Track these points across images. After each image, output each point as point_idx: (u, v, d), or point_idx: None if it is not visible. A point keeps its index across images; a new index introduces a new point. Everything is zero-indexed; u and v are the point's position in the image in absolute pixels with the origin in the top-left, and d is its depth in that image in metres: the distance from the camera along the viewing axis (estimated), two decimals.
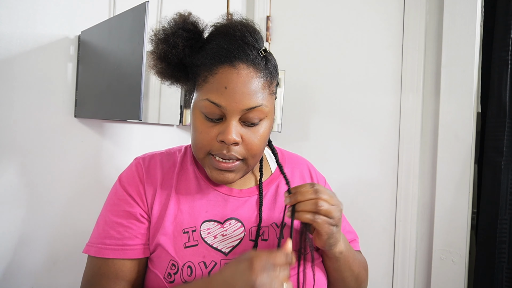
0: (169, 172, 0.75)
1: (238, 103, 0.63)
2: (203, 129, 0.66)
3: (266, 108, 0.66)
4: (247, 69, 0.64)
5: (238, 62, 0.64)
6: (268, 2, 1.66)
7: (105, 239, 0.69)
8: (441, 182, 1.31)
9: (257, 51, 0.66)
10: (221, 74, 0.64)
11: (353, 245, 0.84)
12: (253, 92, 0.64)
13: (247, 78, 0.64)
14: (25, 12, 0.92)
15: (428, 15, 1.37)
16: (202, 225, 0.70)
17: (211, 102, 0.64)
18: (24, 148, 0.93)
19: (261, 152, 0.69)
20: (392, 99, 1.43)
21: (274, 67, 0.70)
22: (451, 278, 1.28)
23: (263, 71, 0.66)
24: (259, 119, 0.66)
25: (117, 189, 0.74)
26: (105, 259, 0.68)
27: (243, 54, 0.64)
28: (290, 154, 0.88)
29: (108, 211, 0.72)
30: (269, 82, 0.67)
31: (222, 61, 0.64)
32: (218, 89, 0.64)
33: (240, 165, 0.68)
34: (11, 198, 0.91)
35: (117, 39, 0.92)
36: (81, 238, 1.03)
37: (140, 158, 0.77)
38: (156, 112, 1.26)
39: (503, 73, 1.21)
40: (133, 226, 0.70)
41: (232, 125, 0.64)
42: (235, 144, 0.65)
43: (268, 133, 0.70)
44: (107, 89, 0.94)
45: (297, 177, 0.83)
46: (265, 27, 1.66)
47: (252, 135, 0.66)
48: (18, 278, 0.93)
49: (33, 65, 0.94)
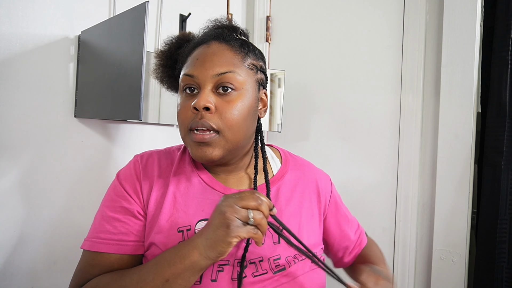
0: (166, 170, 0.75)
1: (208, 70, 0.67)
2: (182, 104, 0.70)
3: (239, 77, 0.68)
4: (219, 44, 0.70)
5: (211, 41, 0.71)
6: (268, 2, 1.66)
7: (100, 234, 0.70)
8: (441, 182, 1.31)
9: (231, 33, 0.73)
10: (196, 51, 0.71)
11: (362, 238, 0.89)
12: (224, 60, 0.68)
13: (218, 50, 0.70)
14: (25, 12, 0.92)
15: (428, 15, 1.37)
16: (197, 224, 0.70)
17: (186, 75, 0.69)
18: (24, 148, 0.93)
19: (239, 127, 0.68)
20: (392, 99, 1.43)
21: (253, 50, 0.74)
22: (451, 278, 1.28)
23: (236, 48, 0.71)
24: (232, 87, 0.67)
25: (115, 185, 0.74)
26: (99, 253, 0.69)
27: (217, 35, 0.72)
28: (301, 160, 0.86)
29: (105, 207, 0.72)
30: (244, 56, 0.71)
31: (199, 43, 0.72)
32: (191, 62, 0.70)
33: (216, 138, 0.66)
34: (11, 198, 0.91)
35: (117, 39, 0.92)
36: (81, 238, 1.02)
37: (138, 156, 0.78)
38: (156, 112, 1.26)
39: (503, 73, 1.21)
40: (130, 222, 0.70)
41: (204, 92, 0.66)
42: (207, 111, 0.66)
43: (247, 109, 0.69)
44: (107, 89, 0.94)
45: (301, 185, 0.81)
46: (265, 27, 1.66)
47: (226, 105, 0.67)
48: (18, 278, 0.93)
49: (33, 65, 0.94)
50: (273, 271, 0.69)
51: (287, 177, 0.79)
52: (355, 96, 1.49)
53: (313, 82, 1.57)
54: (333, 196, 0.86)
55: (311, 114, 1.58)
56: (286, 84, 1.56)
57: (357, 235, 0.89)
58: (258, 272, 0.68)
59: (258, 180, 0.76)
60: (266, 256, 0.70)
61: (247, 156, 0.77)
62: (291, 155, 0.87)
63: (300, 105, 1.59)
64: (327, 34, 1.55)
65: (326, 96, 1.55)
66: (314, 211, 0.80)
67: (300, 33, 1.61)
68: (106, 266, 0.68)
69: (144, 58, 0.83)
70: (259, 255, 0.69)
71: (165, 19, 1.28)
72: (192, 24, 1.35)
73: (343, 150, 1.51)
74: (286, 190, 0.77)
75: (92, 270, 0.68)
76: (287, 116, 1.59)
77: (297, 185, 0.80)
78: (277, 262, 0.70)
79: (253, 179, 0.75)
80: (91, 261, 0.69)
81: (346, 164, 1.51)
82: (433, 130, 1.36)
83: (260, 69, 0.75)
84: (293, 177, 0.80)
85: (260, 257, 0.69)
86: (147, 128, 1.26)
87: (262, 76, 0.76)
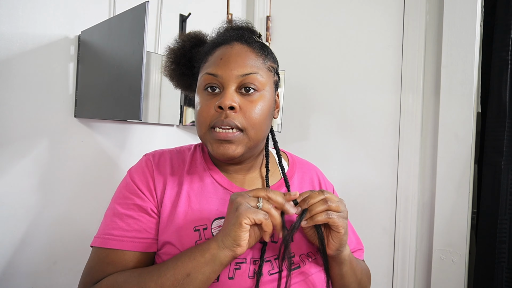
0: (178, 169, 0.75)
1: (232, 70, 0.68)
2: (204, 102, 0.70)
3: (261, 79, 0.70)
4: (241, 45, 0.72)
5: (233, 41, 0.72)
6: (268, 2, 1.66)
7: (113, 230, 0.69)
8: (441, 182, 1.31)
9: (251, 35, 0.74)
10: (218, 51, 0.72)
11: (358, 254, 0.86)
12: (247, 62, 0.70)
13: (241, 51, 0.71)
14: (25, 12, 0.92)
15: (428, 15, 1.37)
16: (213, 223, 0.70)
17: (209, 74, 0.70)
18: (24, 148, 0.93)
19: (261, 126, 0.70)
20: (392, 99, 1.43)
21: (271, 53, 0.76)
22: (451, 278, 1.28)
23: (258, 50, 0.73)
24: (255, 87, 0.69)
25: (127, 182, 0.73)
26: (112, 250, 0.67)
27: (238, 36, 0.73)
28: (300, 160, 0.88)
29: (117, 204, 0.71)
30: (264, 58, 0.73)
31: (220, 43, 0.73)
32: (214, 61, 0.71)
33: (240, 136, 0.68)
34: (11, 198, 0.91)
35: (117, 39, 0.92)
36: (81, 238, 1.03)
37: (150, 155, 0.77)
38: (156, 112, 1.26)
39: (503, 73, 1.21)
40: (143, 219, 0.70)
41: (229, 92, 0.68)
42: (232, 110, 0.67)
43: (267, 109, 0.71)
44: (107, 89, 0.94)
45: (307, 182, 0.83)
46: (265, 27, 1.66)
47: (250, 104, 0.69)
48: (18, 278, 0.93)
49: (33, 65, 0.94)
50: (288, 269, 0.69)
51: (294, 179, 0.81)
52: (355, 96, 1.49)
53: (313, 82, 1.57)
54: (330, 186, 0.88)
55: (311, 114, 1.58)
56: (286, 84, 1.56)
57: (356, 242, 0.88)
58: (274, 270, 0.68)
59: (270, 179, 0.78)
60: None
61: (260, 156, 0.79)
62: (298, 158, 0.89)
63: (300, 105, 1.59)
64: (327, 34, 1.55)
65: (326, 96, 1.55)
66: None
67: (300, 33, 1.61)
68: (120, 263, 0.67)
69: (144, 58, 0.83)
70: (274, 253, 0.70)
71: (165, 19, 1.28)
72: (192, 24, 1.35)
73: (343, 150, 1.51)
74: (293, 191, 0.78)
75: (105, 267, 0.67)
76: (287, 116, 1.59)
77: (302, 189, 0.81)
78: (291, 260, 0.70)
79: (265, 177, 0.77)
80: (104, 259, 0.68)
81: (346, 164, 1.51)
82: (433, 130, 1.36)
83: (276, 72, 0.77)
84: (299, 178, 0.82)
85: (275, 255, 0.70)
86: (147, 128, 1.26)
87: (277, 78, 0.78)
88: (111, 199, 0.74)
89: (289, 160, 0.85)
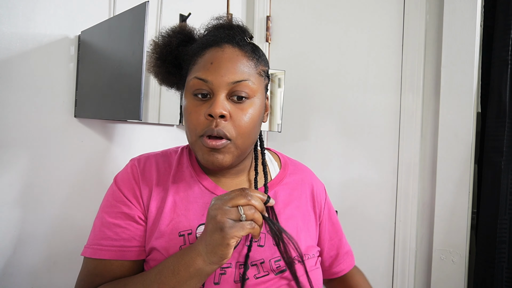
0: (165, 174, 0.74)
1: (223, 76, 0.66)
2: (193, 109, 0.68)
3: (253, 85, 0.68)
4: (233, 48, 0.69)
5: (224, 43, 0.69)
6: (268, 2, 1.66)
7: (102, 240, 0.69)
8: (441, 182, 1.31)
9: (243, 37, 0.71)
10: (208, 54, 0.68)
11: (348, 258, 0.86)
12: (239, 68, 0.67)
13: (233, 55, 0.68)
14: (25, 12, 0.92)
15: (428, 15, 1.37)
16: (198, 228, 0.70)
17: (198, 79, 0.67)
18: (24, 148, 0.93)
19: (249, 135, 0.69)
20: (392, 99, 1.43)
21: (262, 55, 0.74)
22: (451, 278, 1.28)
23: (249, 54, 0.70)
24: (246, 95, 0.67)
25: (113, 190, 0.73)
26: (102, 260, 0.68)
27: (229, 38, 0.69)
28: (293, 161, 0.87)
29: (104, 213, 0.71)
30: (256, 62, 0.70)
31: (210, 44, 0.69)
32: (204, 66, 0.67)
33: (228, 146, 0.67)
34: (11, 198, 0.91)
35: (117, 39, 0.92)
36: (81, 238, 1.03)
37: (135, 160, 0.77)
38: (156, 112, 1.26)
39: (503, 73, 1.21)
40: (131, 228, 0.69)
41: (219, 99, 0.65)
42: (222, 118, 0.65)
43: (257, 116, 0.69)
44: (107, 89, 0.94)
45: (300, 184, 0.82)
46: (265, 27, 1.66)
47: (240, 113, 0.67)
48: (18, 278, 0.93)
49: (33, 65, 0.94)
50: (274, 272, 0.69)
51: (285, 181, 0.80)
52: (355, 96, 1.49)
53: (313, 82, 1.57)
54: (327, 203, 0.86)
55: (311, 114, 1.58)
56: (286, 84, 1.56)
57: (346, 250, 0.88)
58: (260, 274, 0.68)
59: (258, 182, 0.76)
60: (267, 257, 0.70)
61: (248, 159, 0.78)
62: (290, 159, 0.87)
63: (300, 105, 1.59)
64: (327, 34, 1.55)
65: (326, 96, 1.55)
66: (311, 214, 0.80)
67: (300, 33, 1.61)
68: (107, 274, 0.68)
69: (144, 58, 0.83)
70: (260, 257, 0.69)
71: (165, 19, 1.28)
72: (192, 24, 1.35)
73: (343, 150, 1.51)
74: (284, 194, 0.78)
75: (93, 279, 0.68)
76: (287, 116, 1.59)
77: (295, 189, 0.80)
78: (278, 264, 0.70)
79: (253, 180, 0.75)
80: (92, 270, 0.68)
81: (346, 164, 1.51)
82: (433, 130, 1.36)
83: (267, 74, 0.75)
84: (291, 181, 0.81)
85: (261, 259, 0.69)
86: (147, 128, 1.26)
87: (268, 81, 0.76)
88: (99, 207, 0.74)
89: (281, 162, 0.84)
